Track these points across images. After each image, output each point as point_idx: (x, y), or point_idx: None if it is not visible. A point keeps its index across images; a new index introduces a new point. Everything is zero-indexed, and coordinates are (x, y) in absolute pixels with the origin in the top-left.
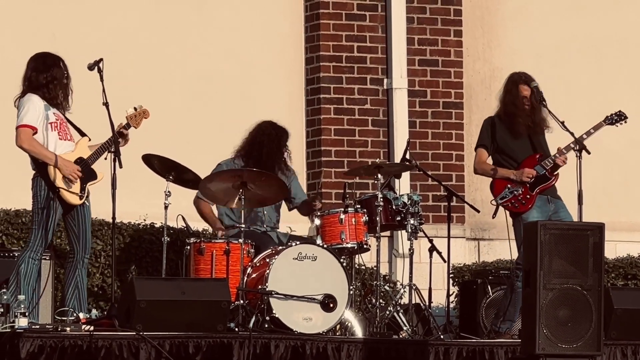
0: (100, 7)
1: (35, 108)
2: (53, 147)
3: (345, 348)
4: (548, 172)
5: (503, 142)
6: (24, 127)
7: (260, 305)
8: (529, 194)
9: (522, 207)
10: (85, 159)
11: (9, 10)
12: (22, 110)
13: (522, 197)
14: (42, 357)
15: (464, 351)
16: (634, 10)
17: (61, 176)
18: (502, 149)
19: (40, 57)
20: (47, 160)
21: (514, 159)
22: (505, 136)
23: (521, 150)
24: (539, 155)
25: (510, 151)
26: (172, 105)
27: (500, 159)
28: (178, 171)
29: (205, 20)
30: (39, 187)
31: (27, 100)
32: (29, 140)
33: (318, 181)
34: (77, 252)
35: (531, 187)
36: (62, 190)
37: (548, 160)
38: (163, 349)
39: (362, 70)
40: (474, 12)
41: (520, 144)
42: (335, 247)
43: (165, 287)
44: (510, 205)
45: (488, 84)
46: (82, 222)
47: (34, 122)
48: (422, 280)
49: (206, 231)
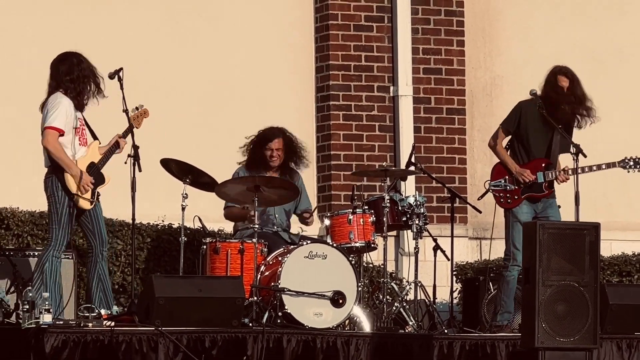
0: (121, 19)
1: (65, 112)
2: (72, 152)
3: (354, 342)
4: (545, 185)
5: (524, 130)
6: (52, 129)
7: (273, 302)
8: (517, 196)
9: (507, 204)
10: (96, 164)
11: (32, 21)
12: (52, 111)
13: (510, 194)
14: (65, 351)
15: (467, 345)
16: (633, 20)
17: (75, 184)
18: (520, 136)
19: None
20: (66, 167)
21: (528, 152)
22: (529, 124)
23: (537, 147)
24: (546, 163)
25: (527, 143)
26: (189, 112)
27: (515, 145)
28: (194, 174)
29: (221, 32)
30: (55, 188)
31: (59, 103)
32: (54, 143)
33: (327, 184)
34: (95, 246)
35: (523, 190)
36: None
37: (551, 173)
38: (181, 343)
39: (369, 79)
40: (475, 23)
41: (539, 138)
42: (344, 246)
43: (182, 284)
44: (497, 197)
45: (489, 91)
46: (95, 219)
47: (62, 125)
48: (426, 278)
49: (222, 231)
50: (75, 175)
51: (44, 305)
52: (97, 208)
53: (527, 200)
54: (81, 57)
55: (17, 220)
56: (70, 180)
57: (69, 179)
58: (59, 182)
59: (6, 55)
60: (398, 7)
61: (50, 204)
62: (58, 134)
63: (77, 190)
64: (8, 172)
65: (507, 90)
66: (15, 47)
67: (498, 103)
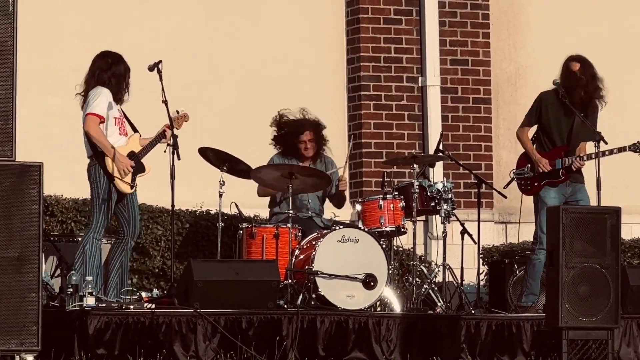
0: (159, 14)
1: (106, 100)
2: (112, 140)
3: (385, 323)
4: (563, 171)
5: (546, 119)
6: (93, 115)
7: (307, 284)
8: (537, 182)
9: (527, 191)
10: (136, 153)
11: (74, 17)
12: (94, 99)
13: (530, 182)
14: (108, 332)
15: (493, 325)
16: None
17: (116, 167)
18: (543, 125)
19: (104, 56)
20: (106, 151)
21: (550, 139)
22: (550, 114)
23: (558, 132)
24: (565, 150)
25: (549, 130)
26: (224, 103)
27: (539, 134)
28: (231, 162)
29: (255, 26)
30: (98, 175)
31: (100, 92)
32: (95, 128)
33: (359, 171)
34: (127, 234)
35: (542, 176)
36: (116, 179)
37: (568, 160)
38: (218, 324)
39: (398, 70)
40: (500, 16)
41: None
42: (375, 230)
43: (220, 268)
44: (519, 184)
45: (514, 82)
46: (132, 208)
47: (102, 112)
48: (454, 260)
49: (257, 216)
50: (115, 159)
51: (88, 289)
52: (135, 199)
53: (549, 186)
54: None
55: (62, 207)
56: (110, 164)
57: (109, 162)
58: (101, 169)
59: (50, 48)
60: (426, 1)
61: (92, 190)
62: (99, 120)
63: (117, 173)
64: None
65: (530, 80)
66: (59, 41)
67: (522, 92)
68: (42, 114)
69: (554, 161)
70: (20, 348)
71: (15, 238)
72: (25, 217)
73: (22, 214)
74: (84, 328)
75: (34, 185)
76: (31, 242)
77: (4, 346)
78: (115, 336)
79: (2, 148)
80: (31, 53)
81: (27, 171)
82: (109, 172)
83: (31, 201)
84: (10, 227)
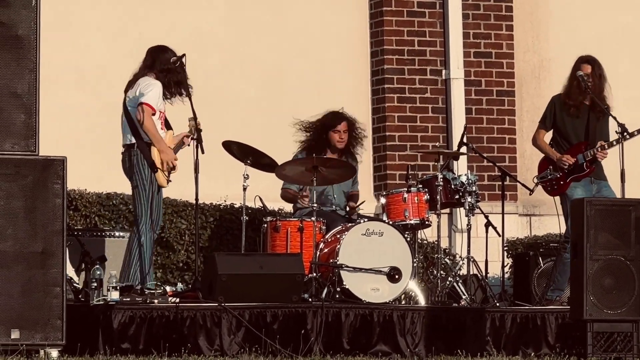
0: (183, 8)
1: (159, 94)
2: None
3: (410, 315)
4: (587, 164)
5: (561, 121)
6: (148, 105)
7: (331, 278)
8: (563, 181)
9: (554, 191)
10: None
11: (98, 11)
12: (149, 89)
13: (556, 182)
14: (132, 327)
15: (518, 317)
16: None
17: (160, 159)
18: (559, 128)
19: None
20: (156, 142)
21: (568, 140)
22: (564, 116)
23: (575, 133)
24: (585, 145)
25: (566, 132)
26: (249, 96)
27: (557, 137)
28: (255, 156)
29: (279, 19)
30: (142, 165)
31: (154, 84)
32: (149, 118)
33: (383, 164)
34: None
35: (567, 174)
36: (159, 170)
37: (590, 152)
38: (243, 318)
39: (422, 62)
40: (523, 8)
41: (576, 126)
42: (400, 223)
43: (244, 262)
44: (545, 187)
45: (537, 74)
46: (159, 201)
47: (155, 104)
48: (479, 253)
49: (282, 210)
50: (162, 151)
51: (112, 283)
52: (161, 193)
53: (575, 182)
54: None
55: (85, 201)
56: (156, 155)
57: (155, 153)
58: (144, 159)
59: (74, 42)
60: None
61: (136, 180)
62: (151, 111)
63: (161, 165)
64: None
65: (554, 73)
66: (83, 35)
67: (546, 85)
68: (66, 108)
69: (576, 156)
70: (44, 342)
71: (39, 232)
72: (49, 211)
73: (46, 208)
74: (109, 322)
75: (58, 180)
76: (55, 236)
77: (29, 340)
78: (139, 330)
79: (26, 142)
80: (55, 47)
81: (50, 165)
82: (153, 163)
83: (55, 195)
84: (34, 221)
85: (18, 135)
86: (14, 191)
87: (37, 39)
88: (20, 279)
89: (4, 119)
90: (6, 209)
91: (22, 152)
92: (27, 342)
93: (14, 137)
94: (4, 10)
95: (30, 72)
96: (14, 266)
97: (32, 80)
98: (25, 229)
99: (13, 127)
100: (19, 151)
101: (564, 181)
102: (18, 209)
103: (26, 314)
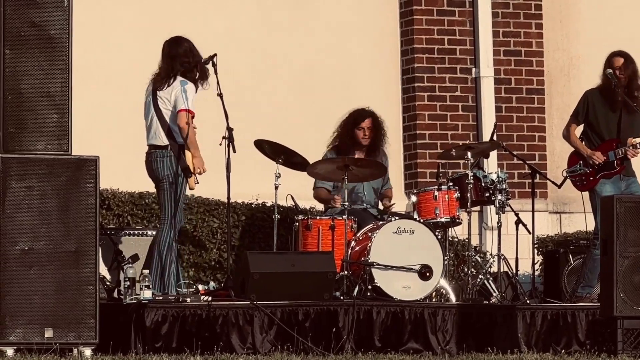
0: (214, 7)
1: (195, 96)
2: None
3: (441, 313)
4: (617, 161)
5: (593, 116)
6: (189, 112)
7: (363, 275)
8: (592, 177)
9: (583, 187)
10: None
11: (130, 10)
12: (187, 94)
13: (585, 177)
14: (165, 325)
15: (549, 314)
16: None
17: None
18: (591, 122)
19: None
20: (194, 148)
21: (599, 135)
22: (597, 111)
23: (607, 128)
24: (617, 142)
25: (598, 127)
26: (280, 95)
27: (588, 131)
28: (287, 154)
29: (309, 18)
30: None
31: (190, 88)
32: (190, 125)
33: (414, 162)
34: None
35: (597, 171)
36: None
37: (621, 150)
38: (275, 316)
39: (452, 61)
40: (553, 6)
41: (609, 122)
42: (431, 221)
43: (276, 260)
44: (574, 181)
45: (567, 72)
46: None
47: (194, 108)
48: (509, 251)
49: (313, 209)
50: (197, 157)
51: (145, 282)
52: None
53: (604, 179)
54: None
55: (118, 200)
56: (190, 159)
57: (189, 157)
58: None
59: (105, 42)
60: None
61: (165, 183)
62: (191, 117)
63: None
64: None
65: (584, 70)
66: (115, 35)
67: (575, 83)
68: (98, 107)
69: (607, 153)
70: (78, 341)
71: (72, 232)
72: (82, 210)
73: (79, 207)
74: (141, 321)
75: (91, 179)
76: (88, 235)
77: (63, 339)
78: (172, 329)
79: (59, 142)
80: (87, 47)
81: (83, 165)
82: (187, 167)
83: (87, 195)
84: (67, 221)
85: (51, 135)
86: (47, 191)
87: (69, 39)
88: (54, 278)
89: (37, 119)
90: (40, 208)
91: (55, 152)
92: (60, 341)
93: (47, 137)
94: (36, 12)
95: (63, 72)
96: (47, 265)
97: (65, 80)
98: (58, 229)
99: (46, 127)
100: (52, 151)
101: (593, 177)
102: (51, 209)
103: (60, 312)
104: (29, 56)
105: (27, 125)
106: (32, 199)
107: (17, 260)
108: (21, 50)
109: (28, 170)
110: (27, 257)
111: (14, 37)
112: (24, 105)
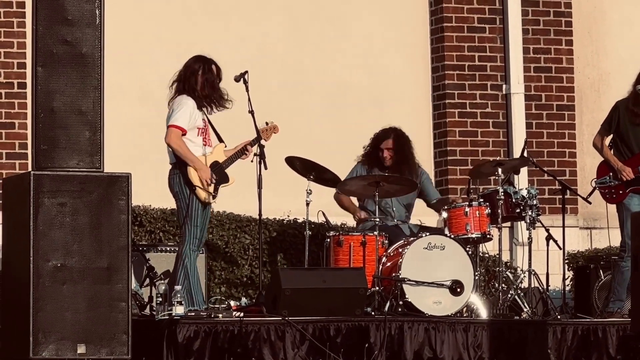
0: (245, 23)
1: (189, 112)
2: (196, 150)
3: (472, 328)
4: None
5: (624, 127)
6: (175, 127)
7: (394, 291)
8: (622, 190)
9: (612, 199)
10: (220, 163)
11: (161, 27)
12: (176, 111)
13: (615, 190)
14: (197, 341)
15: (579, 330)
16: None
17: (197, 176)
18: (621, 133)
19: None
20: (189, 161)
21: (630, 147)
22: (627, 122)
23: (636, 142)
24: None
25: (628, 139)
26: (311, 112)
27: (617, 142)
28: (318, 171)
29: (341, 35)
30: (182, 184)
31: (183, 103)
32: (177, 140)
33: (445, 178)
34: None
35: (627, 184)
36: (197, 188)
37: None
38: (307, 332)
39: (483, 78)
40: (582, 22)
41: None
42: (461, 237)
43: (307, 276)
44: (603, 193)
45: (597, 88)
46: (206, 221)
47: (184, 125)
48: (540, 266)
49: (344, 225)
50: (198, 169)
51: (177, 298)
52: (209, 211)
53: (633, 193)
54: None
55: (150, 217)
56: (192, 173)
57: (192, 172)
58: (182, 178)
59: (138, 58)
60: (509, 9)
61: (178, 201)
62: (181, 133)
63: (198, 182)
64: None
65: (614, 87)
66: (147, 52)
67: (606, 99)
68: (130, 124)
69: (637, 168)
70: (110, 357)
71: (104, 248)
72: (114, 227)
73: (111, 224)
74: (174, 337)
75: (123, 196)
76: (120, 252)
77: (95, 355)
78: (204, 344)
79: (91, 159)
80: (119, 64)
81: (115, 182)
82: (190, 181)
83: (120, 212)
84: (100, 237)
85: (83, 152)
86: (79, 208)
87: (101, 57)
88: (86, 294)
89: (69, 136)
90: (72, 225)
91: (88, 169)
92: (93, 357)
93: (80, 154)
94: (69, 29)
95: (95, 89)
96: (80, 282)
97: (97, 97)
98: (90, 245)
99: (78, 144)
100: (84, 168)
101: (623, 190)
102: (84, 225)
103: (92, 328)
104: (61, 74)
105: (59, 142)
106: (64, 216)
107: (49, 277)
108: (53, 68)
109: (60, 187)
110: (60, 274)
111: (47, 55)
112: (56, 122)
